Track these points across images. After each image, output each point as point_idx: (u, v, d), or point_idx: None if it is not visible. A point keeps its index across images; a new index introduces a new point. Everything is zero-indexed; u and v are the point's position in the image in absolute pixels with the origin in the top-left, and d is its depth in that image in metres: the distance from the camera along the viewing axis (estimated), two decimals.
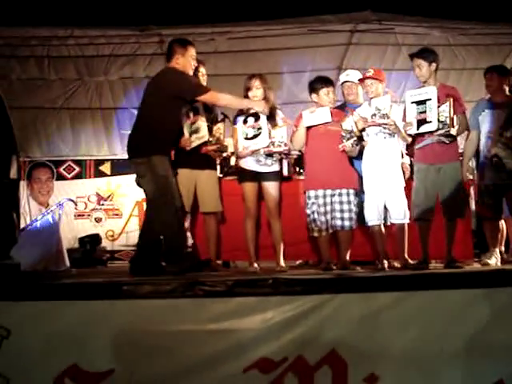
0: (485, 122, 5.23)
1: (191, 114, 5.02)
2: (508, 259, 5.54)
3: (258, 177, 5.04)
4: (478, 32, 7.64)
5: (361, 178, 5.01)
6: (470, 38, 7.82)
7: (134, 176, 4.81)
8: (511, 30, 7.79)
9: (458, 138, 4.94)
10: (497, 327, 3.56)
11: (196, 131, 5.01)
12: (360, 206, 4.96)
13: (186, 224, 5.20)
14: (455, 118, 4.61)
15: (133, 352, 3.41)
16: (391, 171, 4.83)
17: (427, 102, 4.62)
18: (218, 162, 5.50)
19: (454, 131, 4.62)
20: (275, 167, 5.06)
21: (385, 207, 4.90)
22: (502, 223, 5.49)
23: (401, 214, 4.84)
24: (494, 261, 5.05)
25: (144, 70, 8.05)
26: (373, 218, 4.90)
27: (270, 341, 3.45)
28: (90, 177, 8.69)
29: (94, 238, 7.45)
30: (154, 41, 7.63)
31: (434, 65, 4.75)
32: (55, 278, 4.18)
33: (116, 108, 8.50)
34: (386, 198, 4.86)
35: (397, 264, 5.00)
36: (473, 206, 6.12)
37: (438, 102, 4.59)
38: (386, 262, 4.88)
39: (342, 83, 5.58)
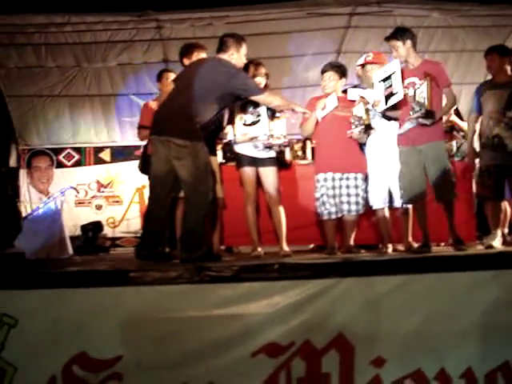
0: (487, 102, 5.21)
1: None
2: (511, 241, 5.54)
3: (255, 162, 5.04)
4: (477, 13, 7.62)
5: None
6: (469, 20, 7.80)
7: (133, 162, 4.78)
8: (511, 12, 7.78)
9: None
10: (503, 309, 3.57)
11: None
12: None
13: None
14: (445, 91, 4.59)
15: (140, 338, 3.41)
16: (395, 154, 4.79)
17: (392, 76, 4.58)
18: (219, 147, 5.48)
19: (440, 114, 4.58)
20: (272, 153, 5.05)
21: (389, 191, 4.90)
22: (506, 205, 5.48)
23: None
24: (498, 243, 5.05)
25: (142, 56, 8.06)
26: (377, 201, 4.90)
27: (277, 325, 3.45)
28: (89, 164, 8.69)
29: (96, 226, 7.46)
30: (151, 26, 7.61)
31: (408, 42, 4.66)
32: (60, 266, 4.18)
33: (115, 94, 8.46)
34: (391, 181, 4.86)
35: (401, 247, 5.02)
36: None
37: (419, 79, 4.54)
38: (390, 245, 4.90)
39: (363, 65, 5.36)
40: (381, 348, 3.51)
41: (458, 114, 6.21)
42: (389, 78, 4.60)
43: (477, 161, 5.50)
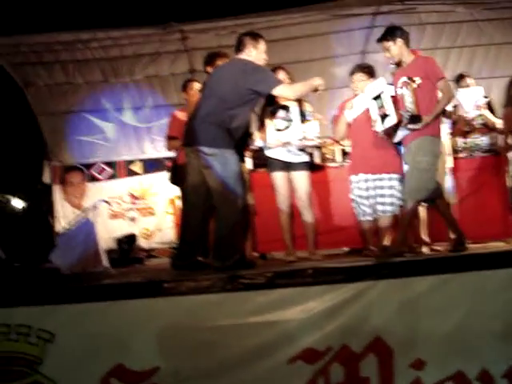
0: None
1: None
2: None
3: (288, 166, 5.03)
4: (503, 5, 7.45)
5: None
6: (495, 12, 7.62)
7: (165, 174, 4.81)
8: None
9: None
10: None
11: None
12: None
13: None
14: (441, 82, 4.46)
15: (177, 349, 3.43)
16: None
17: (381, 96, 4.58)
18: (248, 154, 5.47)
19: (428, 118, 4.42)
20: (305, 157, 5.05)
21: None
22: None
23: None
24: None
25: (169, 68, 8.08)
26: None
27: (313, 331, 3.44)
28: (121, 176, 8.75)
29: (131, 238, 7.50)
30: (176, 38, 7.63)
31: (399, 40, 4.57)
32: (95, 279, 4.22)
33: (143, 107, 8.52)
34: None
35: (437, 247, 4.95)
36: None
37: (412, 77, 4.46)
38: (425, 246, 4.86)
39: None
40: (420, 350, 3.47)
41: (490, 108, 6.09)
42: (379, 97, 4.61)
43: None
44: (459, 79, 5.93)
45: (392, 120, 4.52)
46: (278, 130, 4.99)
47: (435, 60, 4.73)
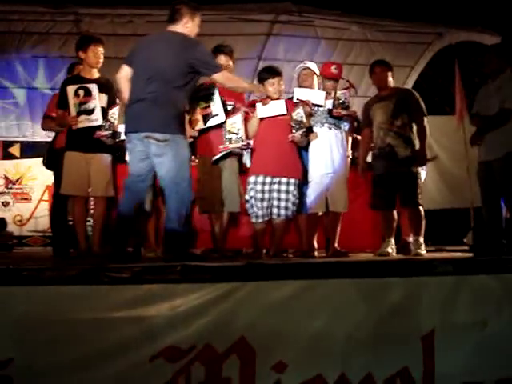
0: (376, 115, 5.40)
1: (81, 93, 4.83)
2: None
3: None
4: (394, 29, 7.85)
5: (305, 169, 5.11)
6: (386, 35, 8.03)
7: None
8: (425, 30, 8.07)
9: None
10: (400, 316, 3.64)
11: (88, 113, 4.85)
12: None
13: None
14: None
15: (33, 341, 3.24)
16: (337, 160, 5.08)
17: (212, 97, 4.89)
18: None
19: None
20: None
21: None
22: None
23: (341, 204, 5.11)
24: (391, 250, 5.23)
25: (59, 49, 7.79)
26: (315, 206, 5.10)
27: (177, 329, 3.37)
28: None
29: None
30: (69, 19, 7.39)
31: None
32: None
33: (28, 88, 8.14)
34: (329, 187, 5.09)
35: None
36: None
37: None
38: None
39: (301, 70, 5.47)
40: (282, 353, 3.49)
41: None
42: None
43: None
44: None
45: (219, 119, 4.81)
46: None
47: None
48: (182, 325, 3.38)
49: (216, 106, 4.78)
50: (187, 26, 4.23)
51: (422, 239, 5.23)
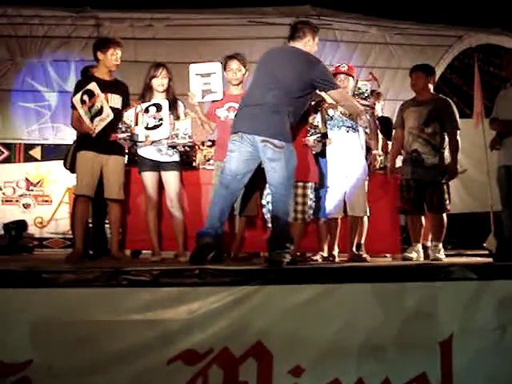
0: (408, 119, 5.36)
1: (86, 98, 4.84)
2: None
3: (157, 166, 4.95)
4: (413, 32, 7.82)
5: (321, 174, 5.09)
6: (405, 38, 7.99)
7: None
8: (445, 32, 8.02)
9: None
10: (418, 321, 3.63)
11: (98, 113, 4.83)
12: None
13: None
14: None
15: (52, 342, 3.29)
16: (354, 165, 5.03)
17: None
18: (126, 149, 5.21)
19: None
20: (175, 157, 4.98)
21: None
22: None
23: (360, 208, 5.06)
24: (415, 255, 5.18)
25: (79, 53, 7.85)
26: (334, 211, 5.06)
27: (195, 332, 3.40)
28: (19, 161, 8.38)
29: (20, 224, 7.20)
30: (90, 23, 7.46)
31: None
32: None
33: (60, 91, 8.23)
34: (347, 191, 5.06)
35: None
36: None
37: None
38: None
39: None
40: (299, 357, 3.51)
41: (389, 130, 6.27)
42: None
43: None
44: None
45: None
46: (148, 128, 4.87)
47: None
48: (199, 328, 3.41)
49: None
50: (308, 44, 4.45)
51: (440, 245, 5.19)
